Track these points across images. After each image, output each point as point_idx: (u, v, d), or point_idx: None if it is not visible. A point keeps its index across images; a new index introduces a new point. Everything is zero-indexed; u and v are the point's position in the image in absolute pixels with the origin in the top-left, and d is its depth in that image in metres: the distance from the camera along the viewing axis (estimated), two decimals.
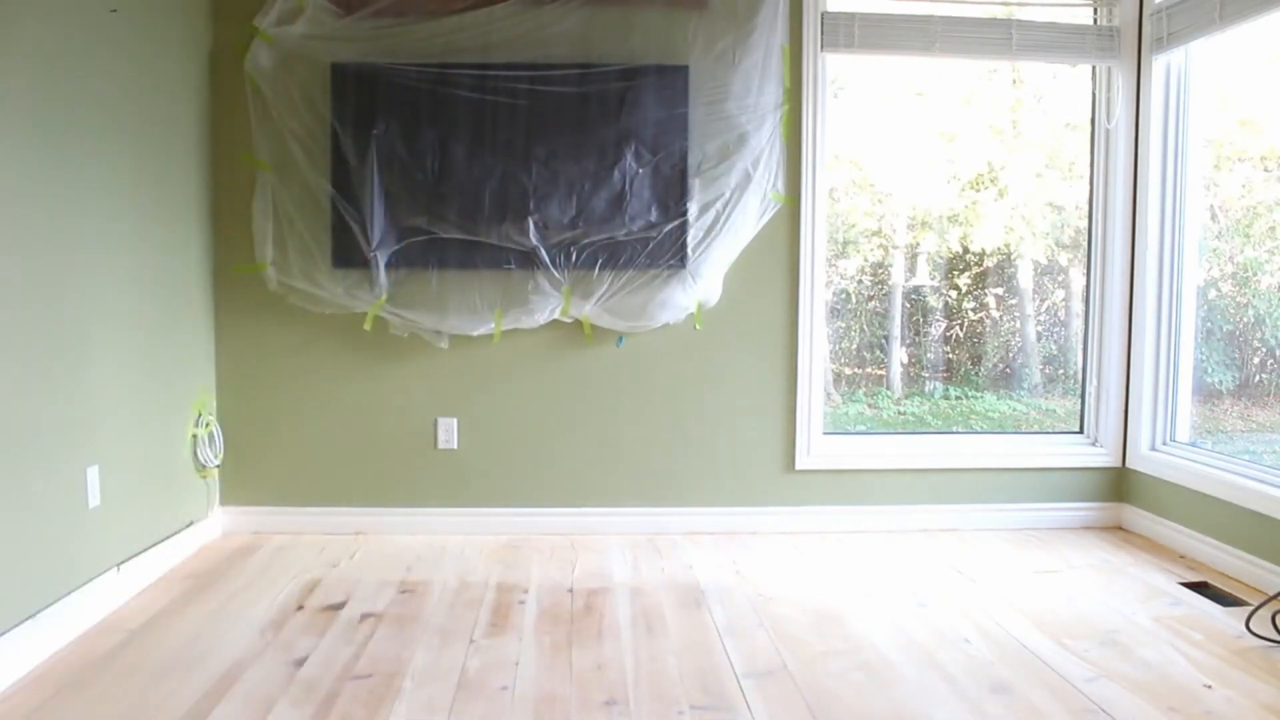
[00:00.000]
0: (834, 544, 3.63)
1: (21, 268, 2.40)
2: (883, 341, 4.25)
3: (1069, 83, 4.09)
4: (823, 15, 3.68)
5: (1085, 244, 4.03)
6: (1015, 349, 4.33)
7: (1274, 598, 2.78)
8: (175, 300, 3.31)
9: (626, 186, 3.57)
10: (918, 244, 4.27)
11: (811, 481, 3.83)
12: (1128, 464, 3.88)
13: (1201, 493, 3.43)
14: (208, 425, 3.53)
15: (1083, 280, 4.07)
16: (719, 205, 3.61)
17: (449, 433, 3.72)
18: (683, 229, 3.59)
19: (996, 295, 4.33)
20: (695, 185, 3.60)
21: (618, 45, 3.59)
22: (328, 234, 3.56)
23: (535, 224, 3.54)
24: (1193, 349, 3.71)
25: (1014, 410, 4.24)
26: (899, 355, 4.26)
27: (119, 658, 2.47)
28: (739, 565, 3.35)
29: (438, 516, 3.72)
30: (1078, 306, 4.15)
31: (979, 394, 4.27)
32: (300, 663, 2.45)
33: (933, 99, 4.17)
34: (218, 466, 3.62)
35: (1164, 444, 3.76)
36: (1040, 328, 4.33)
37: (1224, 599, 3.04)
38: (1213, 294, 3.79)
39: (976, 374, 4.30)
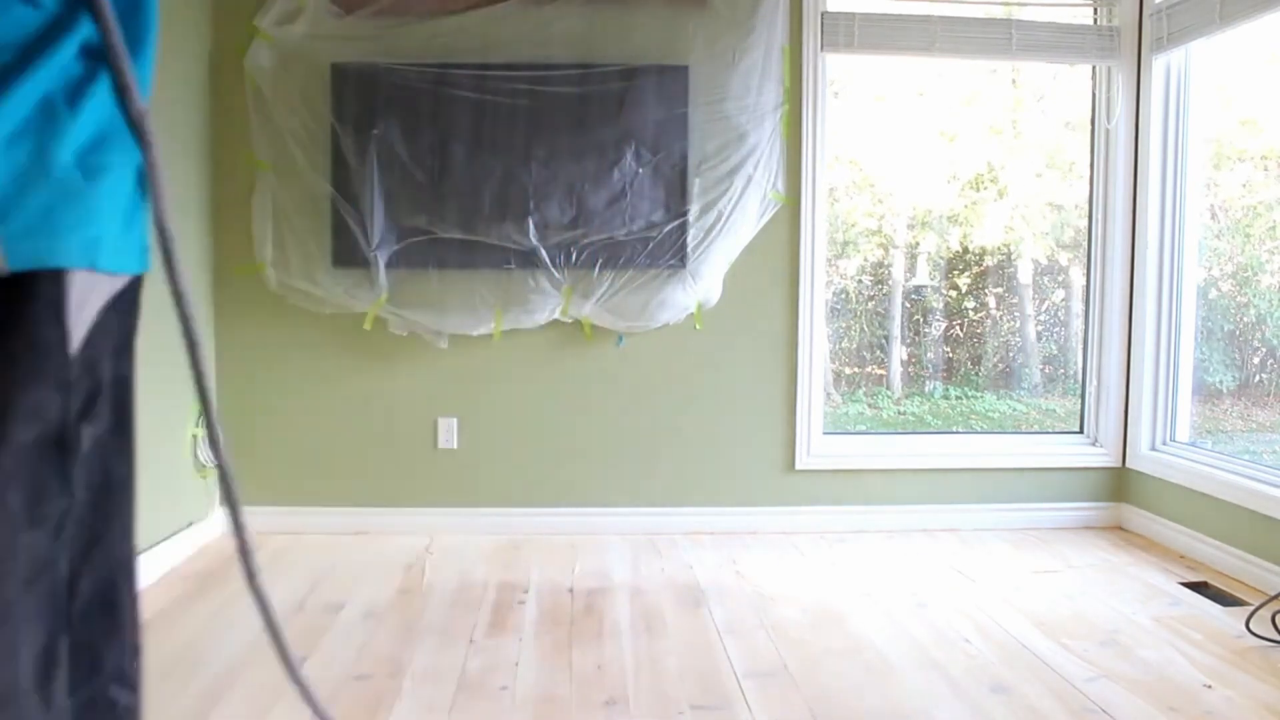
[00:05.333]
0: (834, 544, 3.63)
1: None
2: (883, 341, 4.25)
3: (1069, 83, 4.09)
4: (823, 15, 3.68)
5: (1085, 244, 4.03)
6: (1015, 349, 4.33)
7: (1274, 598, 2.78)
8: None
9: (626, 186, 3.57)
10: (918, 244, 4.27)
11: (811, 481, 3.83)
12: (1128, 464, 3.88)
13: (1201, 493, 3.43)
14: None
15: (1083, 280, 4.07)
16: (719, 205, 3.61)
17: (449, 433, 3.72)
18: (683, 229, 3.59)
19: (996, 295, 4.33)
20: (695, 185, 3.60)
21: (618, 45, 3.59)
22: (328, 234, 3.56)
23: (535, 224, 3.54)
24: (1193, 349, 3.71)
25: (1014, 410, 4.24)
26: (899, 355, 4.26)
27: None
28: (739, 565, 3.35)
29: (438, 516, 3.72)
30: (1078, 306, 4.15)
31: (979, 394, 4.27)
32: (300, 663, 2.44)
33: (933, 99, 4.17)
34: (218, 466, 3.62)
35: (1164, 444, 3.76)
36: (1040, 327, 4.33)
37: (1224, 599, 3.04)
38: (1213, 293, 3.79)
39: (976, 374, 4.30)
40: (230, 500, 0.94)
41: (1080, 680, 2.38)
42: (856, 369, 4.27)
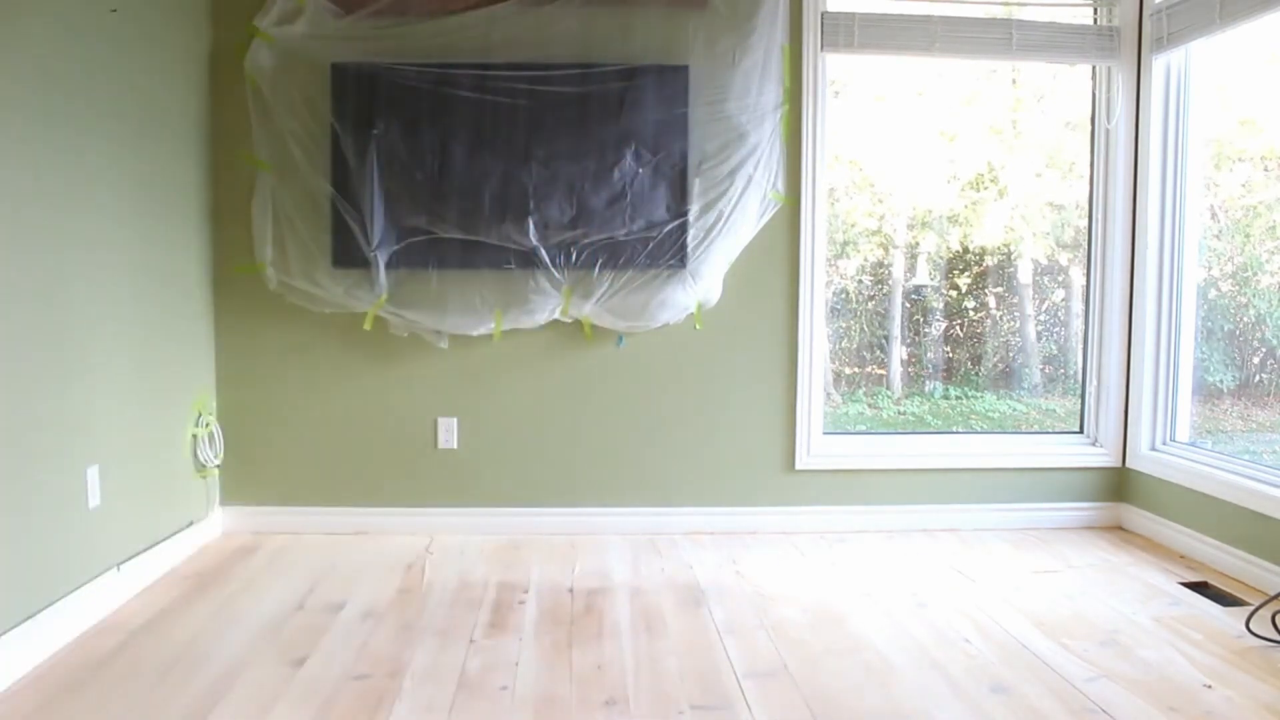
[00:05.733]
0: (834, 544, 3.63)
1: (22, 268, 2.40)
2: (883, 341, 4.25)
3: (1069, 83, 4.09)
4: (823, 15, 3.68)
5: (1085, 243, 4.03)
6: (1015, 349, 4.33)
7: (1274, 598, 2.78)
8: (175, 300, 3.31)
9: (627, 186, 3.57)
10: (918, 244, 4.27)
11: (811, 481, 3.83)
12: (1128, 464, 3.88)
13: (1201, 493, 3.43)
14: (208, 425, 3.53)
15: (1083, 280, 4.07)
16: (719, 205, 3.61)
17: (449, 433, 3.72)
18: (683, 229, 3.59)
19: (996, 295, 4.33)
20: (695, 185, 3.59)
21: (618, 45, 3.59)
22: (328, 234, 3.56)
23: (535, 224, 3.54)
24: (1193, 349, 3.71)
25: (1014, 410, 4.24)
26: (899, 355, 4.26)
27: (119, 658, 2.47)
28: (739, 565, 3.35)
29: (438, 516, 3.72)
30: (1078, 306, 4.15)
31: (979, 394, 4.27)
32: (300, 663, 2.45)
33: (933, 99, 4.17)
34: (218, 466, 3.62)
35: (1164, 444, 3.76)
36: (1040, 327, 4.33)
37: (1224, 599, 3.04)
38: (1213, 293, 3.79)
39: (976, 374, 4.30)
40: None
41: (1080, 680, 2.38)
42: (856, 369, 4.27)
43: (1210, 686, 2.35)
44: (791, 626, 2.75)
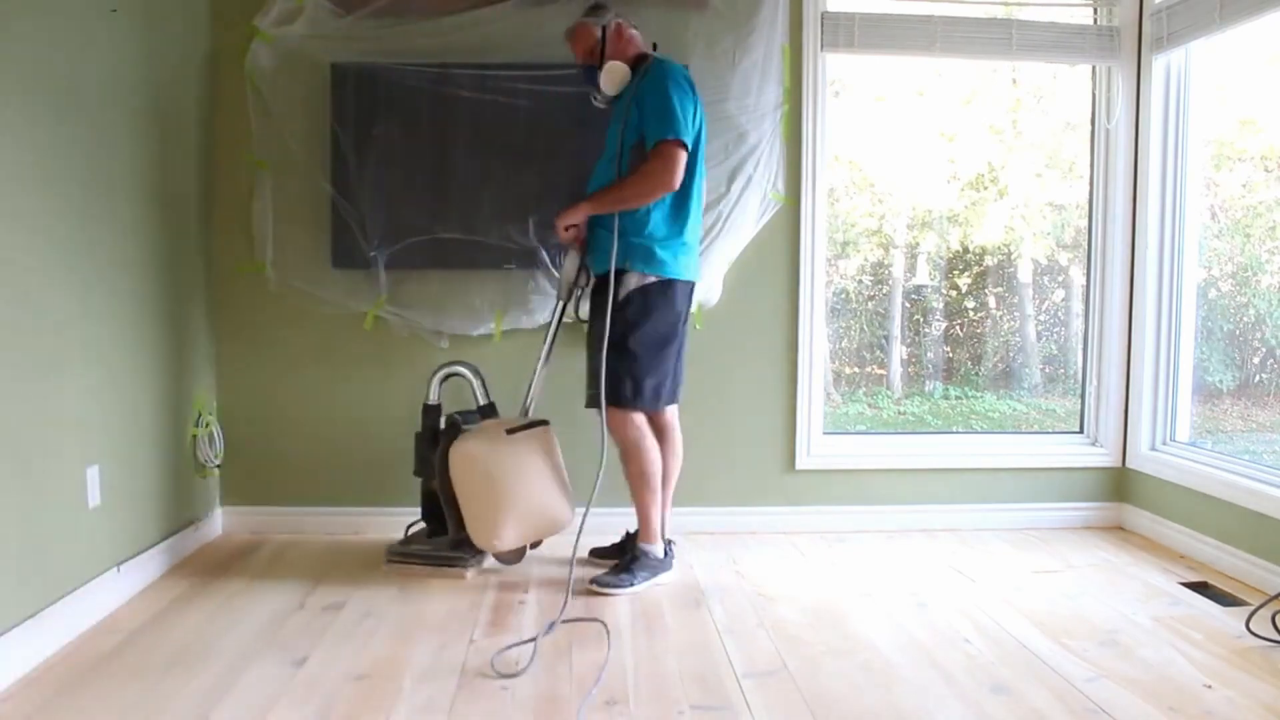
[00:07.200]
0: (834, 544, 3.63)
1: (20, 267, 2.40)
2: (883, 341, 4.25)
3: (1069, 83, 4.09)
4: (823, 15, 3.68)
5: (1085, 244, 4.03)
6: (1015, 349, 4.33)
7: (1274, 598, 2.78)
8: (176, 300, 3.31)
9: None
10: (918, 244, 4.28)
11: (811, 481, 3.83)
12: (1128, 464, 3.88)
13: (1201, 493, 3.43)
14: (208, 425, 3.53)
15: (1083, 280, 4.07)
16: (719, 205, 3.61)
17: None
18: None
19: (996, 295, 4.33)
20: None
21: None
22: (328, 234, 3.56)
23: (535, 224, 3.53)
24: (1193, 349, 3.71)
25: (1014, 410, 4.24)
26: (899, 355, 4.27)
27: (119, 658, 2.47)
28: (739, 565, 3.35)
29: None
30: (1078, 306, 4.15)
31: (979, 394, 4.27)
32: (300, 663, 2.44)
33: (933, 99, 4.17)
34: (218, 466, 3.62)
35: (1164, 444, 3.76)
36: (1040, 327, 4.34)
37: (1224, 599, 3.04)
38: (1213, 293, 3.80)
39: (976, 374, 4.30)
40: None
41: (1080, 680, 2.38)
42: (856, 369, 4.27)
43: (1210, 686, 2.35)
44: (791, 626, 2.75)
